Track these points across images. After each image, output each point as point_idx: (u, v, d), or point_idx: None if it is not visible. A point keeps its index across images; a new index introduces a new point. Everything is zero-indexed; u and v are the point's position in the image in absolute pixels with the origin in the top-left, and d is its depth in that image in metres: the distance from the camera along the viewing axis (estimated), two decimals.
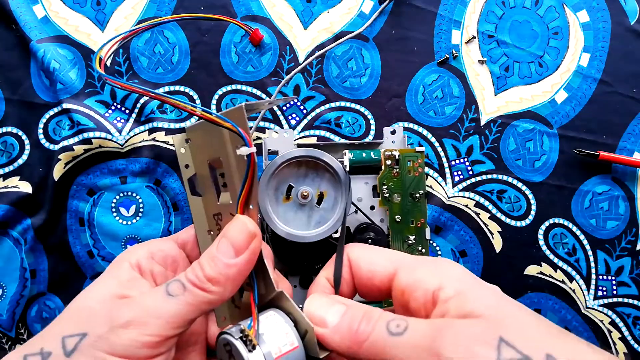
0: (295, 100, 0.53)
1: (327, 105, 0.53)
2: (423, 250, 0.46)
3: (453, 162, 0.53)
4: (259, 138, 0.52)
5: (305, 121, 0.53)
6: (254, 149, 0.31)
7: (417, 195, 0.46)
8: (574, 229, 0.53)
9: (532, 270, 0.53)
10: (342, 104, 0.53)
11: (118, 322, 0.29)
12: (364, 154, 0.46)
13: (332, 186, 0.43)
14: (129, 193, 0.52)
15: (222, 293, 0.31)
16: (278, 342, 0.30)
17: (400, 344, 0.27)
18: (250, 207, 0.33)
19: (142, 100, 0.52)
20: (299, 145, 0.45)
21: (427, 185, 0.53)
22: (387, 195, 0.45)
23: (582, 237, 0.53)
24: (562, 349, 0.25)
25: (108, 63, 0.52)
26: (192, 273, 0.31)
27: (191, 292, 0.30)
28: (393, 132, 0.48)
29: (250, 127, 0.52)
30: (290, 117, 0.53)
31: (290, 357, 0.30)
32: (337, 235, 0.44)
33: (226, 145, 0.33)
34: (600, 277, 0.53)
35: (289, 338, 0.31)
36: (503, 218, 0.53)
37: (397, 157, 0.46)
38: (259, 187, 0.41)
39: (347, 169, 0.45)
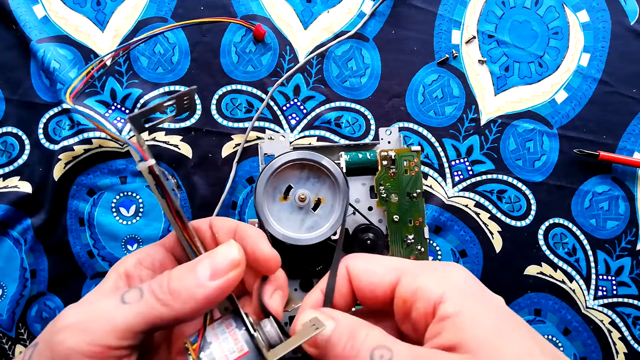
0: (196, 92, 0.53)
1: (327, 105, 0.53)
2: (422, 249, 0.46)
3: (453, 162, 0.53)
4: (258, 138, 0.53)
5: (305, 121, 0.53)
6: (151, 162, 0.29)
7: (415, 194, 0.45)
8: (574, 229, 0.53)
9: (532, 270, 0.53)
10: (342, 104, 0.53)
11: (60, 325, 0.27)
12: (360, 155, 0.46)
13: (331, 194, 0.42)
14: (129, 193, 0.52)
15: (179, 311, 0.28)
16: (226, 350, 0.30)
17: None
18: (181, 215, 0.32)
19: (142, 100, 0.52)
20: (295, 148, 0.45)
21: (427, 185, 0.53)
22: (384, 195, 0.45)
23: (582, 237, 0.53)
24: None
25: (108, 62, 0.52)
26: (157, 282, 0.29)
27: (146, 302, 0.28)
28: (389, 133, 0.48)
29: (246, 128, 0.52)
30: (290, 117, 0.53)
31: None
32: (336, 237, 0.44)
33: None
34: (600, 277, 0.53)
35: (238, 344, 0.30)
36: (503, 218, 0.53)
37: (393, 157, 0.46)
38: (258, 188, 0.41)
39: (344, 170, 0.45)
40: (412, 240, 0.46)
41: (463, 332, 0.27)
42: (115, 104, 0.52)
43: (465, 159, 0.53)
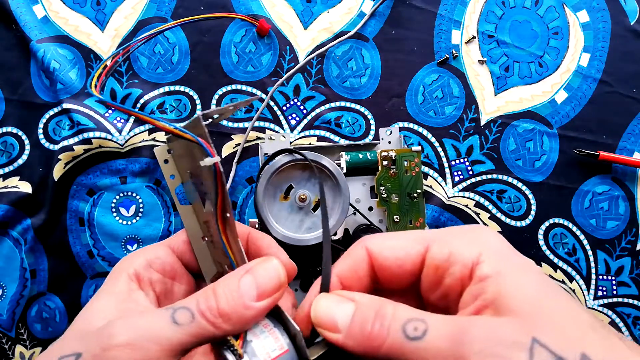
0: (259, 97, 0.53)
1: (327, 105, 0.53)
2: None
3: (453, 162, 0.53)
4: (258, 138, 0.53)
5: (305, 121, 0.53)
6: (217, 159, 0.30)
7: (415, 194, 0.46)
8: (574, 229, 0.53)
9: None
10: (342, 104, 0.53)
11: (114, 342, 0.27)
12: (360, 155, 0.46)
13: (332, 196, 0.42)
14: (129, 193, 0.52)
15: (227, 330, 0.29)
16: (267, 348, 0.30)
17: (420, 350, 0.25)
18: (227, 215, 0.32)
19: (142, 100, 0.52)
20: (296, 148, 0.45)
21: (427, 185, 0.53)
22: (384, 195, 0.46)
23: (582, 237, 0.53)
24: (599, 348, 0.24)
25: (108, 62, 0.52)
26: (205, 303, 0.29)
27: (198, 324, 0.28)
28: (389, 133, 0.48)
29: (246, 128, 0.52)
30: (290, 117, 0.53)
31: None
32: (337, 237, 0.44)
33: (196, 155, 0.32)
34: (600, 277, 0.53)
35: (278, 342, 0.30)
36: (503, 218, 0.53)
37: (393, 157, 0.46)
38: (259, 186, 0.41)
39: (344, 170, 0.45)
40: None
41: (505, 292, 0.26)
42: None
43: (465, 159, 0.53)
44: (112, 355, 0.27)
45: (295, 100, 0.53)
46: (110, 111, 0.52)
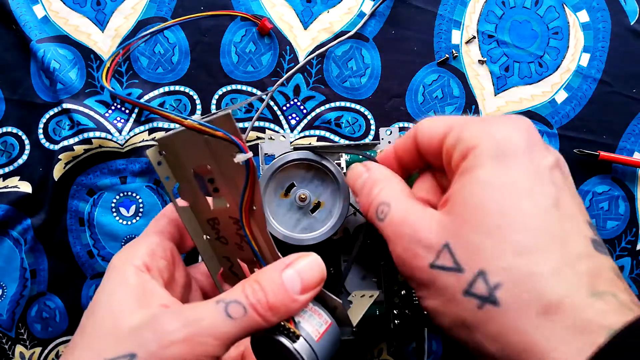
0: (265, 96, 0.53)
1: (327, 105, 0.53)
2: None
3: None
4: (258, 138, 0.53)
5: (305, 121, 0.53)
6: (250, 154, 0.30)
7: None
8: None
9: None
10: (342, 104, 0.53)
11: (171, 338, 0.27)
12: (360, 155, 0.46)
13: (332, 199, 0.42)
14: (129, 193, 0.52)
15: (275, 323, 0.30)
16: (315, 325, 0.31)
17: (381, 229, 0.31)
18: (254, 208, 0.32)
19: (142, 100, 0.52)
20: (295, 148, 0.45)
21: None
22: None
23: None
24: (515, 270, 0.25)
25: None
26: (254, 296, 0.29)
27: (250, 317, 0.29)
28: (389, 133, 0.48)
29: (246, 128, 0.52)
30: (290, 117, 0.53)
31: (328, 335, 0.32)
32: (337, 237, 0.44)
33: (213, 151, 0.32)
34: None
35: (322, 318, 0.32)
36: None
37: None
38: (260, 180, 0.41)
39: (344, 170, 0.45)
40: None
41: (462, 191, 0.28)
42: (115, 104, 0.52)
43: None
44: (170, 352, 0.27)
45: (295, 100, 0.53)
46: (110, 111, 0.52)
